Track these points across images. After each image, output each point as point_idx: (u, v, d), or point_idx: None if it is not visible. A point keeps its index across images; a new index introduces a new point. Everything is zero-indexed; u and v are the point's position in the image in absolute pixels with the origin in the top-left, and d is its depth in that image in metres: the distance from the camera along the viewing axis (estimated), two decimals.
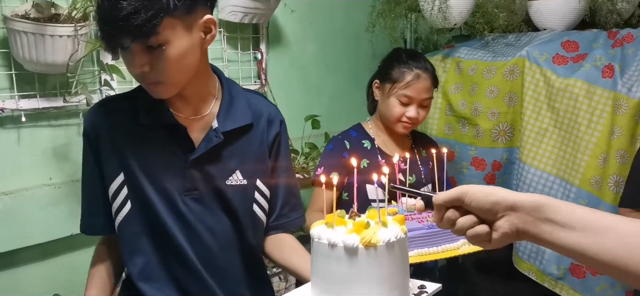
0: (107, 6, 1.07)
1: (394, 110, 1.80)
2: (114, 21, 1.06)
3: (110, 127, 1.25)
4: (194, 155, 1.25)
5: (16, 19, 1.55)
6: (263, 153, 1.35)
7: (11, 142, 1.72)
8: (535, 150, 2.09)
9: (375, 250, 0.98)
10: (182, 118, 1.25)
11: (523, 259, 2.14)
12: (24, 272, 1.79)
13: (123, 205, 1.25)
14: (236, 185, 1.30)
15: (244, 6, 2.10)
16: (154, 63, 1.12)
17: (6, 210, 1.69)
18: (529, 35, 2.26)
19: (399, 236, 1.01)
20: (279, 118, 1.40)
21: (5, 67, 1.66)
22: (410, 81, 1.77)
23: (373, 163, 1.84)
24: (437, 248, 1.39)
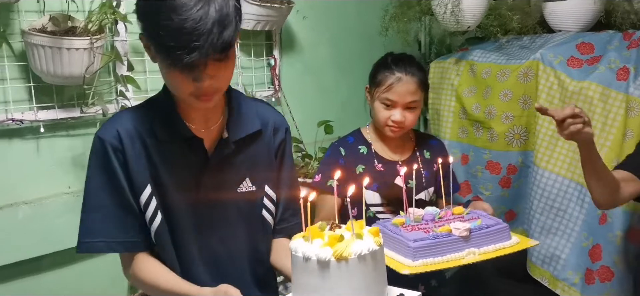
0: (182, 22, 1.05)
1: (379, 114, 1.81)
2: (195, 37, 1.05)
3: (132, 137, 1.24)
4: (207, 166, 1.29)
5: (34, 32, 1.59)
6: (270, 160, 1.39)
7: (31, 152, 1.76)
8: (550, 154, 2.07)
9: (347, 263, 1.01)
10: (194, 130, 1.28)
11: (536, 265, 2.12)
12: (44, 279, 1.83)
13: (155, 215, 1.26)
14: (246, 192, 1.34)
15: (256, 14, 2.12)
16: (218, 74, 1.15)
17: (26, 218, 1.73)
18: (543, 37, 2.24)
19: (372, 248, 1.04)
20: (285, 125, 1.44)
21: (24, 80, 1.71)
22: (391, 84, 1.77)
23: (369, 168, 1.85)
24: (441, 258, 1.38)
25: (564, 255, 2.02)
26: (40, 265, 1.80)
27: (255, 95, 2.22)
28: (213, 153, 1.30)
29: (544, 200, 2.09)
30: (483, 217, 1.54)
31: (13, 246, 1.71)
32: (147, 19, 1.11)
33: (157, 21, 1.07)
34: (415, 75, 1.81)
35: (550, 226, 2.07)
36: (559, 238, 2.04)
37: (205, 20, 1.06)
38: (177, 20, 1.05)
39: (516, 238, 1.51)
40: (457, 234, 1.41)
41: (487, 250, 1.44)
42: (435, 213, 1.53)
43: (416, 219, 1.50)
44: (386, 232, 1.46)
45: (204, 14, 1.06)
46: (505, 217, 2.29)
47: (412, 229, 1.44)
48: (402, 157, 1.91)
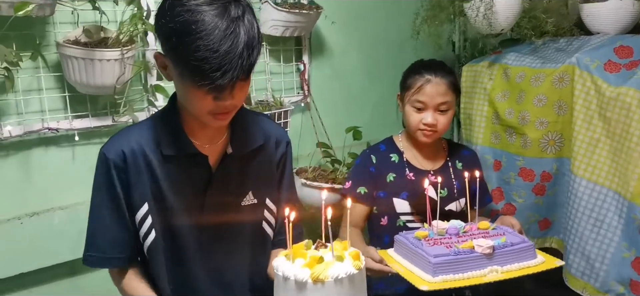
0: (215, 45, 1.07)
1: (411, 118, 1.82)
2: (227, 60, 1.07)
3: (135, 156, 1.28)
4: (211, 181, 1.33)
5: (67, 44, 1.65)
6: (272, 173, 1.43)
7: (66, 159, 1.83)
8: (587, 162, 1.99)
9: (323, 285, 1.05)
10: (199, 146, 1.31)
11: (576, 276, 2.05)
12: (79, 281, 1.90)
13: (149, 233, 1.31)
14: (249, 204, 1.38)
15: (284, 20, 2.13)
16: (239, 93, 1.18)
17: (62, 223, 1.80)
18: (580, 40, 2.16)
19: (350, 272, 1.06)
20: (286, 139, 1.48)
21: (60, 90, 1.77)
22: (420, 86, 1.79)
23: (400, 177, 1.85)
24: (462, 275, 1.36)
25: (604, 266, 1.95)
26: (74, 268, 1.86)
27: (284, 100, 2.23)
28: (217, 169, 1.33)
29: (582, 210, 2.02)
30: (508, 233, 1.51)
31: (49, 250, 1.79)
32: (174, 38, 1.11)
33: (188, 42, 1.08)
34: (445, 77, 1.82)
35: (588, 237, 2.00)
36: (597, 249, 1.97)
37: (236, 43, 1.08)
38: (209, 43, 1.06)
39: (541, 258, 1.48)
40: (479, 251, 1.39)
41: (510, 268, 1.42)
42: (459, 227, 1.51)
43: (440, 232, 1.49)
44: (407, 245, 1.45)
45: (235, 37, 1.08)
46: (539, 225, 2.22)
47: (435, 243, 1.42)
48: (433, 166, 1.90)
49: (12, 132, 1.68)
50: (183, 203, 1.31)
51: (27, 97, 1.72)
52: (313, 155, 2.41)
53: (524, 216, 2.21)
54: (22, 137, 1.71)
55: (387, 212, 1.85)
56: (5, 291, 1.75)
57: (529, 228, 2.23)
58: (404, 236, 1.52)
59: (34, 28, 1.70)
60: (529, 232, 2.23)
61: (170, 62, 1.18)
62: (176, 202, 1.31)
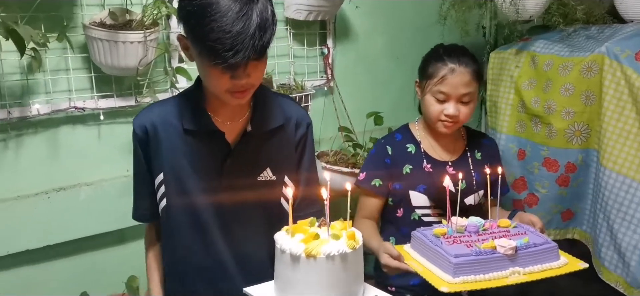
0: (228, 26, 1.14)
1: (431, 108, 1.74)
2: (239, 40, 1.14)
3: (156, 129, 1.38)
4: (230, 156, 1.39)
5: (93, 26, 1.70)
6: (290, 152, 1.47)
7: (92, 137, 1.89)
8: (617, 154, 1.94)
9: (315, 261, 1.10)
10: (219, 123, 1.39)
11: (609, 270, 2.00)
12: (103, 255, 1.97)
13: (162, 199, 1.42)
14: (266, 180, 1.43)
15: (308, 4, 2.13)
16: (254, 73, 1.25)
17: (88, 199, 1.87)
18: (613, 28, 2.09)
19: (342, 250, 1.11)
20: (307, 120, 1.51)
21: (86, 70, 1.82)
22: (444, 75, 1.70)
23: (417, 168, 1.78)
24: (484, 275, 1.32)
25: (634, 262, 1.90)
26: (98, 242, 1.94)
27: (306, 84, 2.24)
28: (236, 146, 1.39)
29: (611, 202, 1.96)
30: (531, 233, 1.47)
31: (75, 224, 1.86)
32: (192, 20, 1.19)
33: (204, 24, 1.15)
34: (469, 66, 1.72)
35: (617, 230, 1.95)
36: (627, 243, 1.92)
37: (248, 25, 1.15)
38: (223, 24, 1.14)
39: (564, 259, 1.43)
40: (502, 252, 1.35)
41: (532, 270, 1.37)
42: (479, 224, 1.46)
43: (459, 230, 1.45)
44: (426, 243, 1.42)
45: (247, 19, 1.15)
46: (562, 216, 2.18)
47: (454, 241, 1.39)
48: (452, 157, 1.84)
49: (41, 110, 1.75)
50: (201, 176, 1.39)
51: (55, 76, 1.78)
52: (335, 139, 2.42)
53: (546, 207, 2.17)
54: (50, 115, 1.77)
55: (403, 205, 1.81)
56: (31, 261, 1.83)
57: (551, 219, 2.19)
58: (422, 233, 1.48)
59: (62, 10, 1.75)
60: (551, 223, 2.19)
61: (190, 42, 1.25)
62: (194, 175, 1.39)
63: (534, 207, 2.19)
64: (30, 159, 1.79)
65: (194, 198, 1.40)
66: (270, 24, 1.20)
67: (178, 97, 1.46)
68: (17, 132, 1.76)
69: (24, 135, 1.77)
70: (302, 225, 1.20)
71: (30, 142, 1.78)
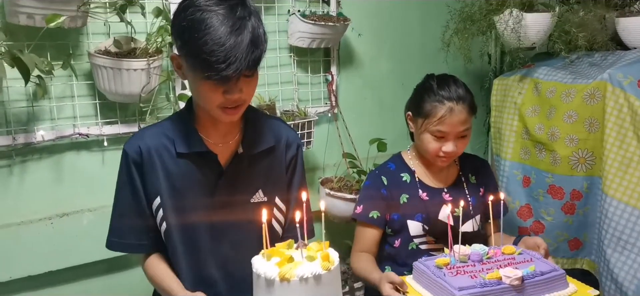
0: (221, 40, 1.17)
1: (430, 146, 1.69)
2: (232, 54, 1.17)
3: (150, 153, 1.38)
4: (222, 178, 1.40)
5: (98, 54, 1.73)
6: (281, 173, 1.49)
7: (96, 163, 1.91)
8: (619, 181, 1.92)
9: (289, 284, 1.10)
10: (211, 144, 1.40)
11: None
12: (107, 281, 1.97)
13: (162, 223, 1.41)
14: (259, 202, 1.43)
15: (311, 32, 2.15)
16: (246, 89, 1.28)
17: (90, 225, 1.88)
18: (615, 55, 2.09)
19: (316, 272, 1.11)
20: (297, 142, 1.53)
21: (91, 97, 1.85)
22: (443, 116, 1.65)
23: (413, 197, 1.75)
24: None
25: (630, 291, 1.87)
26: (102, 268, 1.94)
27: (309, 111, 2.25)
28: (228, 167, 1.40)
29: (612, 231, 1.94)
30: (537, 260, 1.42)
31: (78, 250, 1.87)
32: (186, 35, 1.22)
33: (197, 37, 1.18)
34: (466, 102, 1.68)
35: (617, 259, 1.93)
36: (625, 273, 1.89)
37: (241, 39, 1.18)
38: (216, 37, 1.17)
39: (573, 286, 1.38)
40: (507, 282, 1.30)
41: None
42: (482, 252, 1.42)
43: (462, 259, 1.40)
44: (428, 274, 1.37)
45: (240, 33, 1.19)
46: (570, 245, 2.15)
47: (457, 272, 1.34)
48: (446, 182, 1.81)
49: (45, 137, 1.77)
50: (195, 198, 1.40)
51: (60, 103, 1.81)
52: (339, 166, 2.42)
53: (553, 234, 2.14)
54: (54, 142, 1.80)
55: (401, 235, 1.78)
56: (34, 287, 1.84)
57: (558, 247, 2.16)
58: (424, 264, 1.43)
59: (69, 38, 1.79)
60: (558, 251, 2.16)
61: (183, 59, 1.28)
62: (189, 196, 1.39)
63: (541, 235, 2.16)
64: (35, 185, 1.81)
65: (188, 220, 1.40)
66: (262, 40, 1.24)
67: (169, 120, 1.46)
68: (22, 158, 1.78)
69: (29, 161, 1.80)
70: (279, 248, 1.21)
71: (34, 168, 1.81)
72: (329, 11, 2.29)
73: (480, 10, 2.30)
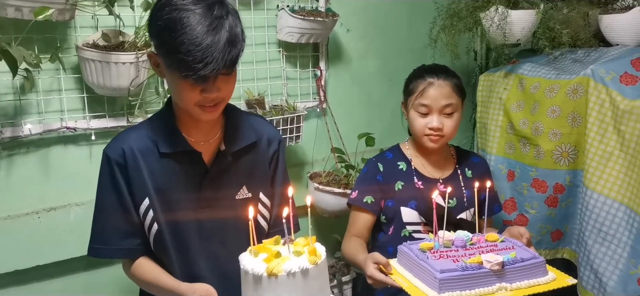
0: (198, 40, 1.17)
1: (416, 122, 1.78)
2: (209, 53, 1.18)
3: (134, 154, 1.37)
4: (206, 176, 1.41)
5: (85, 48, 1.72)
6: (265, 169, 1.50)
7: (83, 157, 1.90)
8: (599, 175, 1.96)
9: (276, 279, 1.11)
10: (194, 143, 1.40)
11: (587, 289, 2.02)
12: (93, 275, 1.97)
13: (152, 225, 1.39)
14: (243, 198, 1.45)
15: (299, 27, 2.16)
16: (224, 87, 1.29)
17: (77, 219, 1.88)
18: (598, 51, 2.13)
19: (303, 267, 1.13)
20: (278, 138, 1.54)
21: (78, 91, 1.85)
22: (423, 89, 1.76)
23: (408, 185, 1.81)
24: (470, 291, 1.31)
25: (612, 281, 1.91)
26: (89, 263, 1.94)
27: (298, 105, 2.26)
28: (212, 165, 1.41)
29: (592, 223, 1.99)
30: (518, 248, 1.46)
31: (65, 244, 1.86)
32: (164, 34, 1.22)
33: (174, 37, 1.18)
34: (449, 79, 1.78)
35: (598, 250, 1.97)
36: (606, 263, 1.94)
37: (218, 38, 1.19)
38: (193, 37, 1.17)
39: (552, 275, 1.42)
40: (488, 267, 1.34)
41: (520, 286, 1.36)
42: (466, 238, 1.46)
43: (446, 244, 1.44)
44: (412, 257, 1.41)
45: (217, 33, 1.19)
46: (552, 236, 2.19)
47: (441, 256, 1.38)
48: (443, 174, 1.86)
49: (33, 130, 1.76)
50: (182, 197, 1.40)
51: (48, 97, 1.80)
52: (327, 160, 2.44)
53: (536, 227, 2.18)
54: (41, 135, 1.79)
55: (395, 221, 1.82)
56: (21, 282, 1.83)
57: (541, 240, 2.20)
58: (408, 247, 1.47)
59: (56, 31, 1.78)
60: (541, 243, 2.20)
61: (161, 58, 1.28)
62: (175, 196, 1.39)
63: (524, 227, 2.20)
64: (22, 179, 1.80)
65: (178, 219, 1.40)
66: (239, 39, 1.24)
67: (150, 121, 1.45)
68: (9, 152, 1.77)
69: (16, 154, 1.79)
70: (266, 244, 1.22)
71: (21, 162, 1.80)
72: (318, 7, 2.31)
73: (466, 7, 2.33)
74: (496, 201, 1.99)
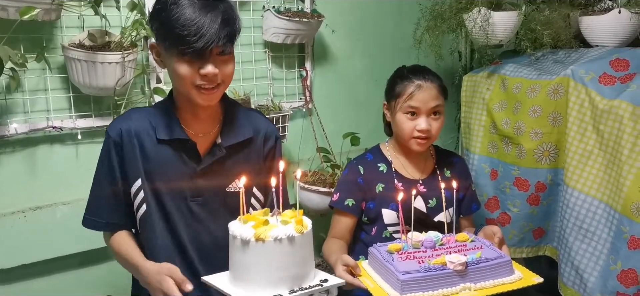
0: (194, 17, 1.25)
1: (404, 125, 1.78)
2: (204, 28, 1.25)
3: (131, 135, 1.42)
4: (200, 166, 1.44)
5: (71, 47, 1.73)
6: (259, 164, 1.53)
7: (70, 157, 1.91)
8: (579, 173, 2.00)
9: (263, 244, 1.17)
10: (191, 134, 1.44)
11: (567, 286, 2.06)
12: (80, 274, 1.98)
13: (141, 205, 1.44)
14: (235, 191, 1.47)
15: (285, 28, 2.19)
16: (221, 68, 1.34)
17: (64, 218, 1.88)
18: (579, 52, 2.17)
19: (289, 234, 1.19)
20: (275, 134, 1.57)
21: (65, 90, 1.86)
22: (412, 92, 1.76)
23: (389, 187, 1.81)
24: (432, 292, 1.32)
25: (593, 277, 1.95)
26: (75, 261, 1.95)
27: (284, 105, 2.29)
28: (206, 156, 1.45)
29: (573, 220, 2.03)
30: (486, 247, 1.47)
31: (52, 243, 1.87)
32: (162, 15, 1.29)
33: (171, 15, 1.26)
34: (435, 81, 1.80)
35: (578, 247, 2.01)
36: (587, 260, 1.98)
37: (213, 16, 1.27)
38: (189, 14, 1.26)
39: (519, 273, 1.44)
40: (451, 268, 1.35)
41: (484, 285, 1.38)
42: (436, 239, 1.47)
43: (415, 245, 1.45)
44: (379, 259, 1.42)
45: (212, 11, 1.28)
46: (534, 234, 2.23)
47: (407, 257, 1.39)
48: (422, 175, 1.87)
49: (18, 130, 1.77)
50: (172, 185, 1.44)
51: (34, 96, 1.81)
52: (313, 160, 2.46)
53: (518, 225, 2.22)
54: (27, 135, 1.80)
55: (376, 223, 1.84)
56: (7, 281, 1.83)
57: (523, 238, 2.24)
58: (377, 248, 1.49)
59: (42, 31, 1.79)
60: (523, 241, 2.24)
61: (160, 44, 1.34)
62: (167, 182, 1.43)
63: (507, 226, 2.24)
64: (8, 178, 1.80)
65: (168, 206, 1.44)
66: (234, 20, 1.32)
67: (153, 107, 1.51)
68: None
69: (1, 154, 1.79)
70: (255, 215, 1.27)
71: (7, 161, 1.80)
72: (304, 8, 2.33)
73: (450, 8, 2.36)
74: (474, 200, 2.01)
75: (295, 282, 1.21)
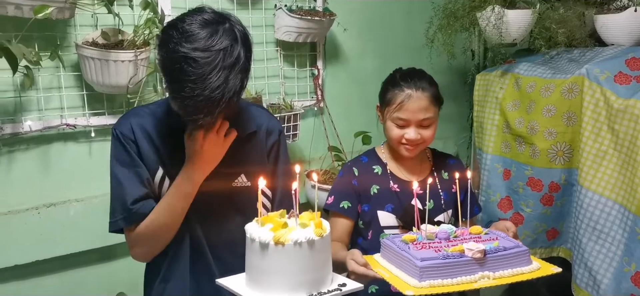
0: (201, 90, 1.18)
1: (392, 133, 1.73)
2: (208, 107, 1.20)
3: (144, 129, 1.40)
4: None
5: (85, 46, 1.75)
6: (263, 159, 1.51)
7: (83, 154, 1.93)
8: (593, 174, 1.98)
9: (283, 247, 1.15)
10: None
11: (580, 287, 2.04)
12: (91, 271, 1.99)
13: None
14: (242, 186, 1.46)
15: (297, 27, 2.19)
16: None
17: (77, 215, 1.90)
18: (594, 51, 2.15)
19: (309, 238, 1.16)
20: (278, 128, 1.55)
21: (78, 88, 1.87)
22: (401, 102, 1.69)
23: (384, 189, 1.77)
24: (451, 280, 1.30)
25: (606, 279, 1.93)
26: (86, 258, 1.97)
27: (295, 104, 2.28)
28: None
29: (587, 221, 2.01)
30: (502, 238, 1.45)
31: (64, 240, 1.89)
32: (167, 75, 1.25)
33: (176, 81, 1.20)
34: (426, 91, 1.71)
35: (592, 248, 1.99)
36: (601, 261, 1.95)
37: (222, 89, 1.19)
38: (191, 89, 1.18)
39: (537, 264, 1.41)
40: (470, 255, 1.33)
41: (502, 274, 1.35)
42: (450, 231, 1.45)
43: (429, 236, 1.43)
44: (394, 249, 1.41)
45: (221, 82, 1.19)
46: (547, 235, 2.21)
47: (423, 247, 1.37)
48: (419, 177, 1.82)
49: (33, 127, 1.79)
50: None
51: (48, 94, 1.82)
52: (324, 159, 2.45)
53: (531, 226, 2.20)
54: (41, 132, 1.81)
55: (372, 226, 1.82)
56: (21, 277, 1.85)
57: (537, 238, 2.22)
58: (391, 240, 1.46)
59: (56, 29, 1.80)
60: (536, 242, 2.22)
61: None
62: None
63: (520, 226, 2.22)
64: (22, 175, 1.82)
65: None
66: (240, 88, 1.25)
67: (157, 103, 1.49)
68: (9, 148, 1.79)
69: (16, 151, 1.81)
70: (272, 216, 1.25)
71: (21, 158, 1.82)
72: (316, 6, 2.33)
73: (463, 6, 2.35)
74: (474, 203, 1.97)
75: (313, 286, 1.19)
